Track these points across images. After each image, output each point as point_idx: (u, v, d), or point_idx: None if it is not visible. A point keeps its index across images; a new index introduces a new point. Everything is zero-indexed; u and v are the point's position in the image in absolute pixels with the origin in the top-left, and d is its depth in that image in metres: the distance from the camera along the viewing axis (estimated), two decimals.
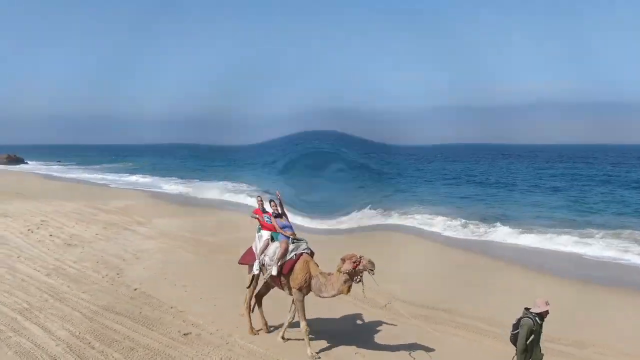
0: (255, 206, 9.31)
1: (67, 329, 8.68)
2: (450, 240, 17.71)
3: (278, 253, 8.21)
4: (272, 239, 8.50)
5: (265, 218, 8.61)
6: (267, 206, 8.72)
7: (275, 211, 8.57)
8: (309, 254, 8.26)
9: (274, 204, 8.61)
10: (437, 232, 18.91)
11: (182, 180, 39.89)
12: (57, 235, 16.26)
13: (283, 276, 8.22)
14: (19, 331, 8.57)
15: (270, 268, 8.27)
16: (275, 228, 8.42)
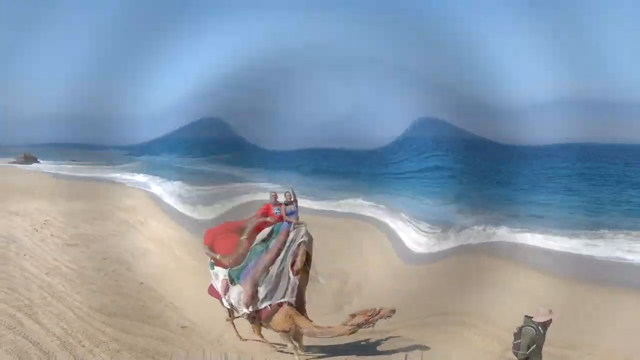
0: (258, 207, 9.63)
1: (61, 327, 8.89)
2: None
3: (243, 299, 8.10)
4: (231, 280, 8.41)
5: (275, 210, 9.33)
6: (282, 197, 9.49)
7: (288, 200, 9.35)
8: (291, 303, 8.01)
9: (288, 195, 9.41)
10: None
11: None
12: (58, 235, 16.54)
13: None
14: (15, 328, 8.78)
15: (241, 310, 8.25)
16: (283, 217, 9.11)
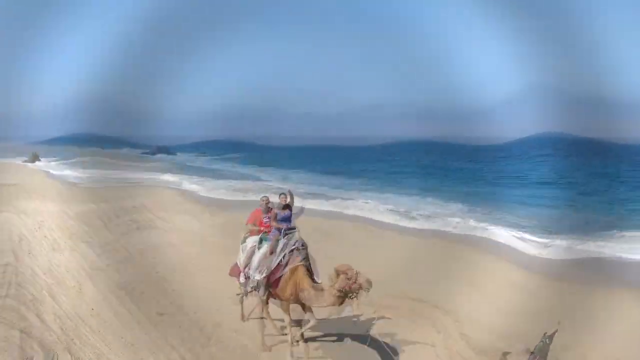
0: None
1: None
2: None
3: (269, 248, 8.04)
4: (260, 241, 8.45)
5: (264, 219, 8.73)
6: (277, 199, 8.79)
7: (282, 203, 8.56)
8: (302, 263, 7.96)
9: (283, 197, 8.61)
10: None
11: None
12: (52, 234, 17.06)
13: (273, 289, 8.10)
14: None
15: (258, 276, 8.15)
16: (270, 226, 8.51)
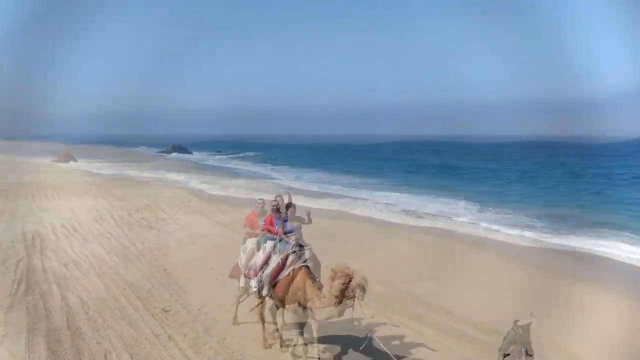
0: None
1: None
2: None
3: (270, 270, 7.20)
4: (259, 245, 7.62)
5: (259, 222, 7.96)
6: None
7: (274, 205, 7.56)
8: (304, 263, 7.14)
9: (275, 202, 7.58)
10: None
11: None
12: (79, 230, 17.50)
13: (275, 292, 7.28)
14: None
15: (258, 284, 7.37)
16: (267, 229, 7.62)
